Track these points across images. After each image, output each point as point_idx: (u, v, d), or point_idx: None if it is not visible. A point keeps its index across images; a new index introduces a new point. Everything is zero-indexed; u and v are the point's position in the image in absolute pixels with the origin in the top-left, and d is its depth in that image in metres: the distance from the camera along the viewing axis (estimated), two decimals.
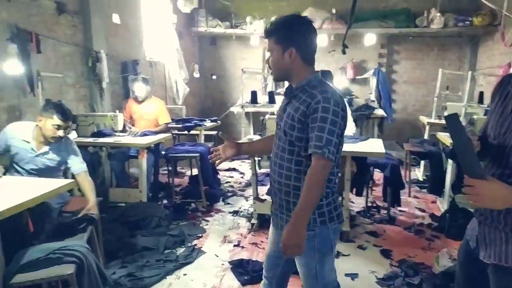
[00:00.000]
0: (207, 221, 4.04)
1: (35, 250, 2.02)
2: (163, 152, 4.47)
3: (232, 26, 7.45)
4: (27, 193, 2.13)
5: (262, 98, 6.79)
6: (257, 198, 3.87)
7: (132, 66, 5.45)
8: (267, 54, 1.64)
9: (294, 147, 1.57)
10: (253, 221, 3.89)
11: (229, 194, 4.88)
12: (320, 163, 1.45)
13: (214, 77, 8.10)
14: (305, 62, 1.58)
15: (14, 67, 3.42)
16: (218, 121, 5.54)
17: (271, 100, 6.37)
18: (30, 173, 2.82)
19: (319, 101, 1.47)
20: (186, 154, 4.43)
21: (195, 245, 3.48)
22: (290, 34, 1.53)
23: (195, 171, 5.02)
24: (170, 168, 4.71)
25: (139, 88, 4.44)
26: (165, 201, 4.43)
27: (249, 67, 7.21)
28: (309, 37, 1.56)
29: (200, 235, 3.69)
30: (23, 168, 2.82)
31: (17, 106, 3.67)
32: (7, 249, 2.43)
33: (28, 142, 2.78)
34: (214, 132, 5.90)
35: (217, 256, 3.29)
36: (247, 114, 6.59)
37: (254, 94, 6.56)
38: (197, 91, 8.07)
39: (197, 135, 5.21)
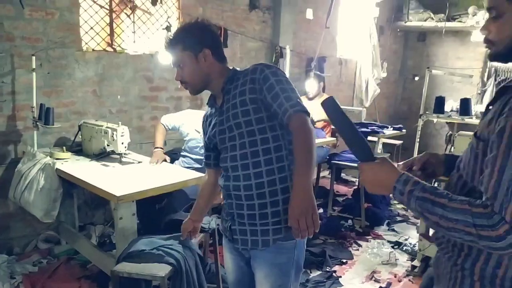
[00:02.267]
0: (359, 245, 3.49)
1: (144, 241, 2.06)
2: (327, 157, 4.13)
3: (448, 18, 6.25)
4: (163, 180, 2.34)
5: (476, 107, 5.46)
6: (424, 235, 3.06)
7: (318, 63, 5.24)
8: (174, 70, 1.49)
9: (255, 135, 1.40)
10: (416, 262, 3.11)
11: (398, 218, 4.11)
12: (304, 119, 1.34)
13: (416, 78, 7.08)
14: (220, 62, 1.48)
15: None
16: (403, 130, 4.74)
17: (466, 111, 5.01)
18: (197, 161, 3.01)
19: (262, 70, 1.39)
20: (350, 164, 3.94)
21: (335, 271, 3.02)
22: (198, 37, 1.43)
23: None
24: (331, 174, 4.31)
25: (310, 85, 4.20)
26: (320, 210, 4.09)
27: (465, 67, 5.94)
28: (214, 34, 1.50)
29: (345, 261, 3.20)
30: (191, 156, 3.06)
31: (199, 95, 4.01)
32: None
33: (199, 132, 2.94)
34: (397, 142, 5.11)
35: None
36: (450, 124, 5.44)
37: (465, 102, 5.32)
38: (392, 93, 7.24)
39: (375, 142, 4.59)
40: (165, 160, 2.76)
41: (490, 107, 0.98)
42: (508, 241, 0.81)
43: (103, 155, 2.76)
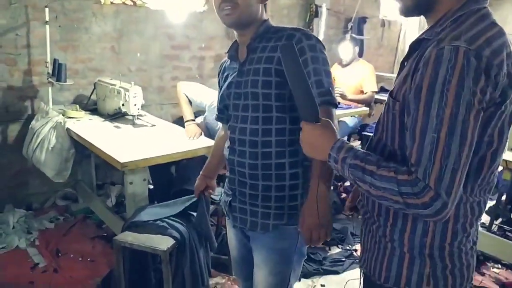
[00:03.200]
0: None
1: (149, 211, 1.96)
2: (358, 128, 3.85)
3: None
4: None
5: None
6: None
7: (358, 24, 4.80)
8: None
9: (271, 112, 1.23)
10: None
11: None
12: (331, 114, 1.17)
13: None
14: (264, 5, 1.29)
15: None
16: None
17: None
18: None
19: (300, 39, 1.19)
20: None
21: (355, 250, 2.85)
22: None
23: None
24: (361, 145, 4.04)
25: (345, 49, 3.81)
26: (347, 183, 3.86)
27: None
28: None
29: None
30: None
31: (224, 55, 3.76)
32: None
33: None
34: None
35: None
36: None
37: None
38: None
39: None
40: (200, 134, 2.50)
41: (406, 63, 0.91)
42: (435, 208, 0.77)
43: (117, 116, 2.64)
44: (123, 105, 2.51)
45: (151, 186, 2.73)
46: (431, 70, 0.78)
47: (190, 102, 2.66)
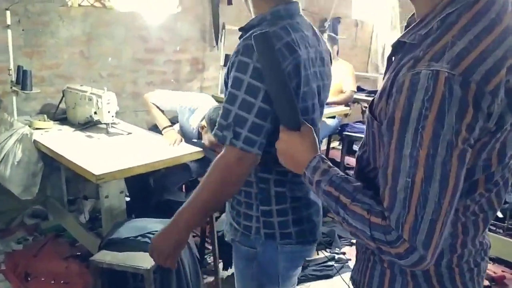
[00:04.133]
0: None
1: (129, 225, 1.80)
2: (338, 128, 3.81)
3: None
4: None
5: None
6: None
7: (332, 24, 4.80)
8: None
9: None
10: None
11: None
12: (228, 154, 0.97)
13: None
14: None
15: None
16: None
17: None
18: None
19: (237, 51, 0.97)
20: (362, 135, 3.60)
21: (344, 253, 2.78)
22: None
23: None
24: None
25: None
26: None
27: None
28: None
29: (355, 241, 2.95)
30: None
31: (200, 58, 3.65)
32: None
33: (192, 128, 2.56)
34: None
35: None
36: None
37: None
38: None
39: None
40: (181, 140, 2.37)
41: (393, 58, 0.76)
42: (411, 260, 0.65)
43: (89, 125, 2.47)
44: (95, 113, 2.34)
45: (128, 199, 2.57)
46: (403, 101, 0.63)
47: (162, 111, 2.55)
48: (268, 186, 1.08)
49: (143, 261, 1.64)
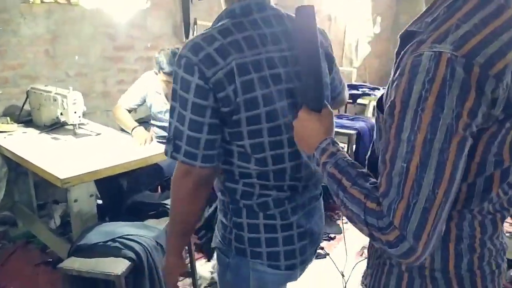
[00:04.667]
0: None
1: (99, 230, 1.74)
2: None
3: None
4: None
5: None
6: None
7: None
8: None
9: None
10: None
11: None
12: (176, 169, 0.97)
13: None
14: None
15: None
16: None
17: None
18: (163, 129, 2.62)
19: (176, 62, 0.91)
20: (339, 130, 3.61)
21: (322, 248, 2.79)
22: None
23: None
24: None
25: None
26: None
27: None
28: None
29: (333, 236, 2.96)
30: (157, 123, 2.67)
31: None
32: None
33: (160, 94, 2.56)
34: None
35: (343, 275, 2.52)
36: None
37: None
38: (384, 51, 6.83)
39: (366, 105, 4.27)
40: (152, 139, 2.32)
41: (401, 53, 0.72)
42: (401, 249, 0.62)
43: (55, 126, 2.37)
44: (61, 114, 2.25)
45: (100, 201, 2.49)
46: (405, 84, 0.62)
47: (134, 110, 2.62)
48: (237, 197, 1.02)
49: (114, 266, 1.59)
